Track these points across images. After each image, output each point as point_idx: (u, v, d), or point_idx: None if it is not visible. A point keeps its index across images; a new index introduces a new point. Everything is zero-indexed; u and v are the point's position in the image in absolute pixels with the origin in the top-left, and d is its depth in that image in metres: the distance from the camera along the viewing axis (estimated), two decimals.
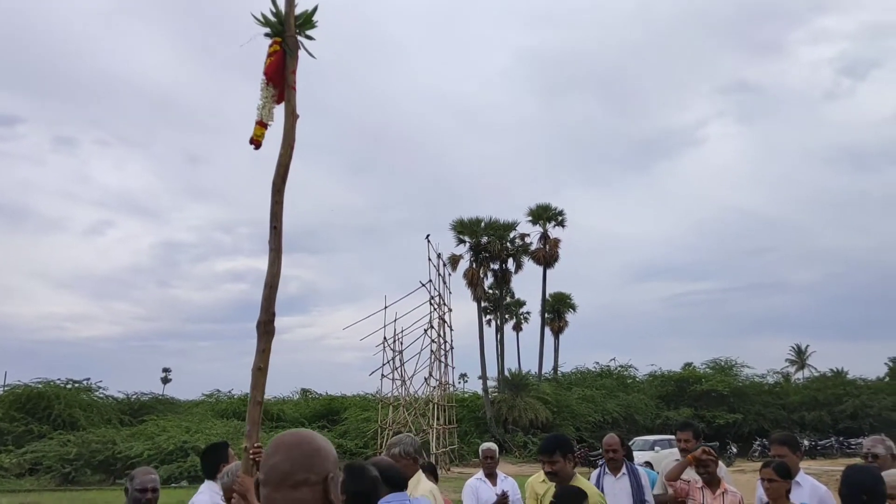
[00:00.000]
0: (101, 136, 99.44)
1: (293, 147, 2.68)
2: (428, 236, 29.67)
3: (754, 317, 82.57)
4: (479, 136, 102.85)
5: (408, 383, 29.12)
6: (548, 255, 39.25)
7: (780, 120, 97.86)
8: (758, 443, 29.88)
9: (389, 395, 28.70)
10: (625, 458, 4.87)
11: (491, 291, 40.32)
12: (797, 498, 4.00)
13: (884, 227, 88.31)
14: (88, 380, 32.39)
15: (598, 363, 43.12)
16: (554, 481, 4.31)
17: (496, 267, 38.61)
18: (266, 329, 2.49)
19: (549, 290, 41.47)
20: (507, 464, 25.71)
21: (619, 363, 42.75)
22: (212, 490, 3.78)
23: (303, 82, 2.82)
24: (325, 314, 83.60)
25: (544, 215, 39.77)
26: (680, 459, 4.78)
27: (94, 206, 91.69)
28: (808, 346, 60.35)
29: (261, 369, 2.46)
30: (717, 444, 26.03)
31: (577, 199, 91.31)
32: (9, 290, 74.79)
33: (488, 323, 41.03)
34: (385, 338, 28.38)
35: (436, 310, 29.24)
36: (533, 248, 39.43)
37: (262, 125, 2.75)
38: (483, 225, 37.40)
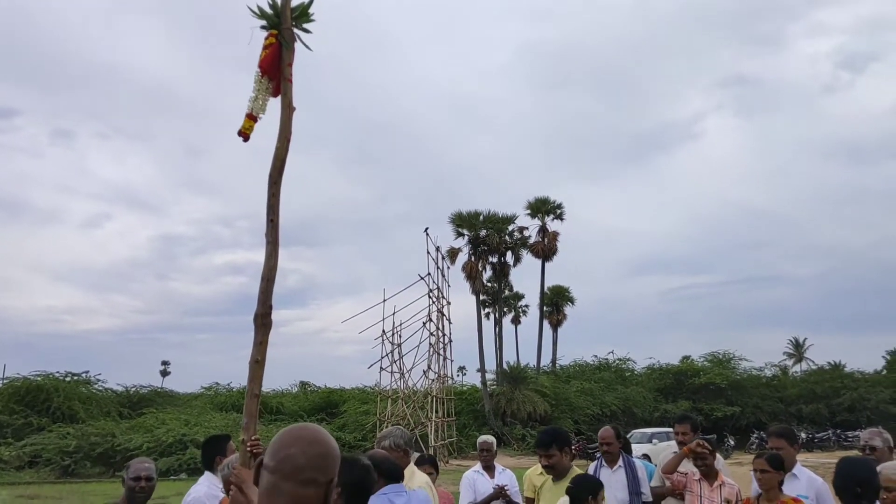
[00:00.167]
0: (99, 128, 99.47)
1: (290, 140, 2.67)
2: (427, 229, 29.76)
3: (752, 310, 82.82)
4: (479, 130, 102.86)
5: (406, 376, 29.25)
6: (546, 249, 39.22)
7: (778, 113, 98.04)
8: (755, 435, 30.00)
9: (388, 387, 28.80)
10: (621, 450, 4.89)
11: (489, 284, 40.36)
12: (794, 490, 3.98)
13: (882, 220, 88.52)
14: (87, 372, 32.59)
15: (597, 356, 43.35)
16: (551, 474, 4.34)
17: (495, 260, 38.68)
18: (263, 322, 2.48)
19: (548, 284, 41.53)
20: (506, 456, 25.80)
21: (617, 356, 42.96)
22: (210, 481, 3.78)
23: (301, 76, 2.81)
24: (324, 307, 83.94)
25: (543, 209, 39.70)
26: (677, 452, 4.81)
27: (92, 198, 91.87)
28: (806, 339, 60.81)
29: (258, 362, 2.46)
30: (715, 436, 26.10)
31: (575, 193, 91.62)
32: (7, 282, 74.88)
33: (487, 316, 41.13)
34: (384, 331, 28.50)
35: (434, 303, 29.32)
36: (531, 241, 39.41)
37: (251, 118, 2.73)
38: (482, 218, 37.42)
